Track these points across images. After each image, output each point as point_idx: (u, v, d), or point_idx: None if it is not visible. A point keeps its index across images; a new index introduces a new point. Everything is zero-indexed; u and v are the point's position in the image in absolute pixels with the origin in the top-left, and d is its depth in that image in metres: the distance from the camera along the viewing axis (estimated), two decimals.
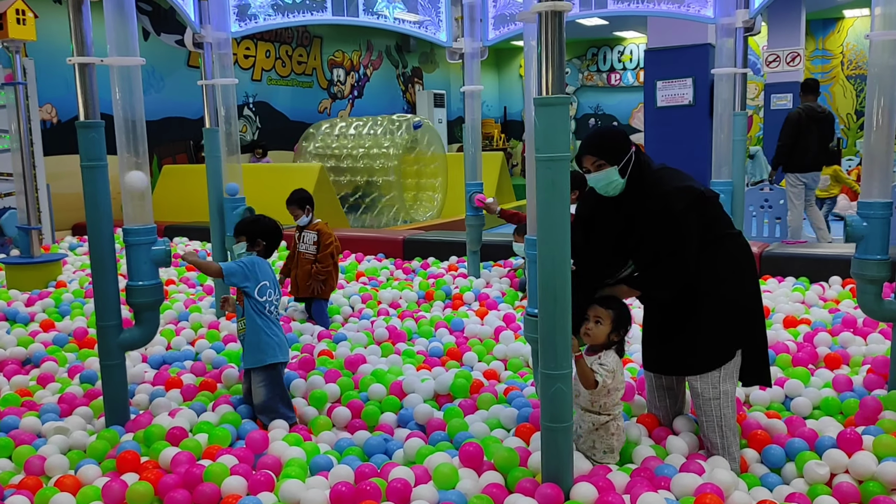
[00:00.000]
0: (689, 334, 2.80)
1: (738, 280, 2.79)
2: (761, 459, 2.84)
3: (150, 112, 10.59)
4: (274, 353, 3.33)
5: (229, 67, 4.83)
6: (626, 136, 2.80)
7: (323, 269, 4.93)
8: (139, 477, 2.66)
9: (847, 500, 2.49)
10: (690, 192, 2.70)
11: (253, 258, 3.41)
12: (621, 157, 2.72)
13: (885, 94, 3.10)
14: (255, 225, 3.56)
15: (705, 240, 2.72)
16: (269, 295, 3.37)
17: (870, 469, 2.56)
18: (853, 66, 15.81)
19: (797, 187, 7.67)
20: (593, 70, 19.17)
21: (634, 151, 2.76)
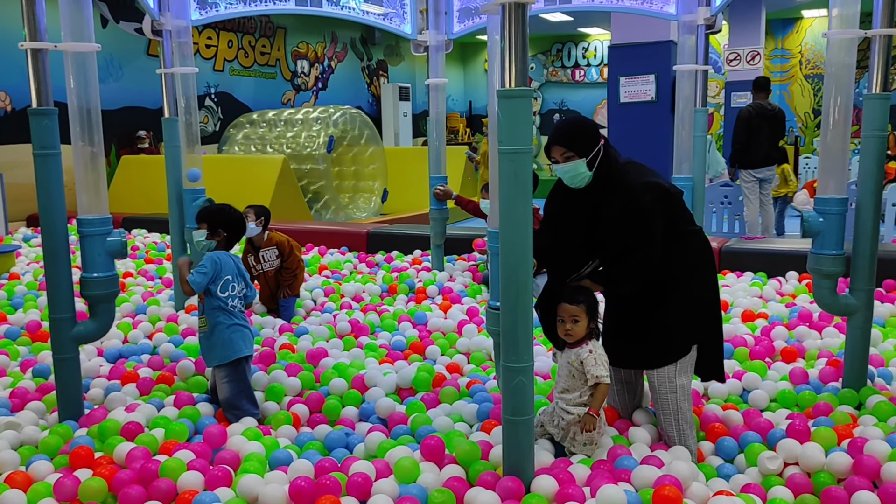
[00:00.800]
0: (647, 329, 2.82)
1: (698, 277, 2.82)
2: (715, 451, 2.88)
3: (108, 101, 10.44)
4: (238, 348, 3.26)
5: (189, 56, 4.73)
6: (597, 128, 2.81)
7: (290, 274, 4.89)
8: (93, 473, 2.60)
9: (800, 490, 2.54)
10: (657, 187, 2.71)
11: (214, 257, 3.28)
12: (590, 149, 2.72)
13: (841, 92, 3.15)
14: (219, 215, 3.44)
15: (669, 236, 2.74)
16: (231, 290, 3.30)
17: (818, 461, 2.61)
18: (811, 65, 16.12)
19: (751, 183, 7.82)
20: (558, 66, 19.26)
21: (603, 144, 2.77)
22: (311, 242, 7.12)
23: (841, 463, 2.57)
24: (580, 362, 2.68)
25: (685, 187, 4.87)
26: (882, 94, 3.16)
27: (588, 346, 2.69)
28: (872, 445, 2.61)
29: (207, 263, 3.24)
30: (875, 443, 2.62)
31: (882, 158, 3.23)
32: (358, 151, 10.59)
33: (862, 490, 2.41)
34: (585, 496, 2.36)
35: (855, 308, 3.25)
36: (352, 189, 10.86)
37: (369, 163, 10.67)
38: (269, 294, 4.95)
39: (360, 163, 10.72)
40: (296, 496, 2.42)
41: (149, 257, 6.76)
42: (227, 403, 3.21)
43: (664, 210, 2.72)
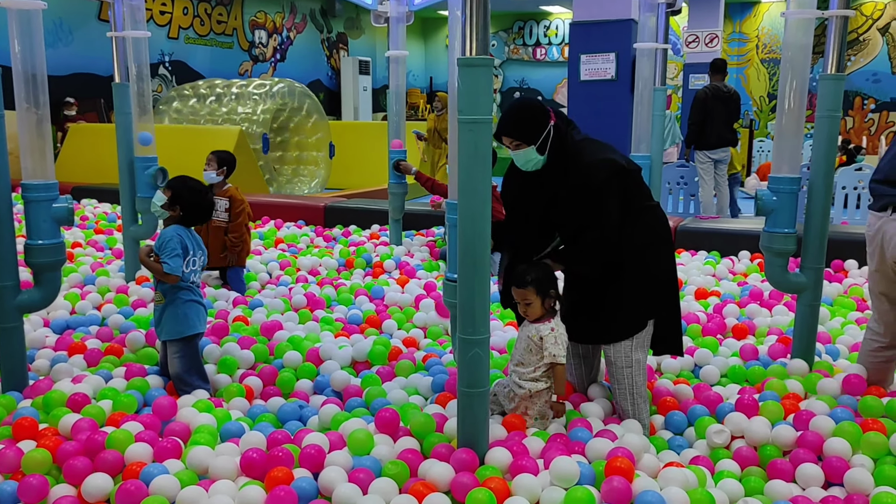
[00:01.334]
0: (604, 304, 2.83)
1: (655, 252, 2.83)
2: (665, 425, 2.92)
3: (58, 66, 10.11)
4: (193, 324, 3.18)
5: (141, 21, 4.58)
6: (543, 112, 2.74)
7: (237, 238, 4.78)
8: (36, 444, 2.53)
9: (747, 463, 2.59)
10: (612, 164, 2.70)
11: (176, 236, 3.14)
12: (537, 136, 2.70)
13: (797, 74, 3.18)
14: (189, 194, 3.26)
15: (626, 212, 2.74)
16: (192, 264, 3.21)
17: (764, 434, 2.66)
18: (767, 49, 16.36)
19: (706, 164, 7.93)
20: (519, 44, 19.23)
21: (553, 126, 2.73)
22: (267, 215, 7.02)
23: (786, 436, 2.63)
24: (540, 338, 2.68)
25: (643, 165, 4.90)
26: (836, 75, 3.21)
27: (551, 324, 2.70)
28: (818, 421, 2.68)
29: (174, 245, 3.10)
30: (820, 418, 2.69)
31: (835, 139, 3.28)
32: (299, 122, 10.28)
33: (806, 462, 2.47)
34: (539, 468, 2.38)
35: (804, 286, 3.31)
36: (295, 161, 10.59)
37: (312, 133, 10.37)
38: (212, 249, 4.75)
39: (302, 132, 10.40)
40: (247, 468, 2.39)
41: (98, 227, 6.59)
42: (178, 378, 3.15)
43: (620, 187, 2.71)
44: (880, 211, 2.88)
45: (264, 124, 9.38)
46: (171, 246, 3.11)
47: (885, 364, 3.08)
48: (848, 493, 2.37)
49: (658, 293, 2.86)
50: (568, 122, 2.82)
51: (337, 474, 2.32)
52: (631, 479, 2.26)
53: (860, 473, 2.38)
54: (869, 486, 2.35)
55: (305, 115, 10.19)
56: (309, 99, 10.17)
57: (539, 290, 2.69)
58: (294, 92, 9.98)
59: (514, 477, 2.29)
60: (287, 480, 2.29)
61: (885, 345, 3.04)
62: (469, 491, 2.21)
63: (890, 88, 15.34)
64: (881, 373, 3.10)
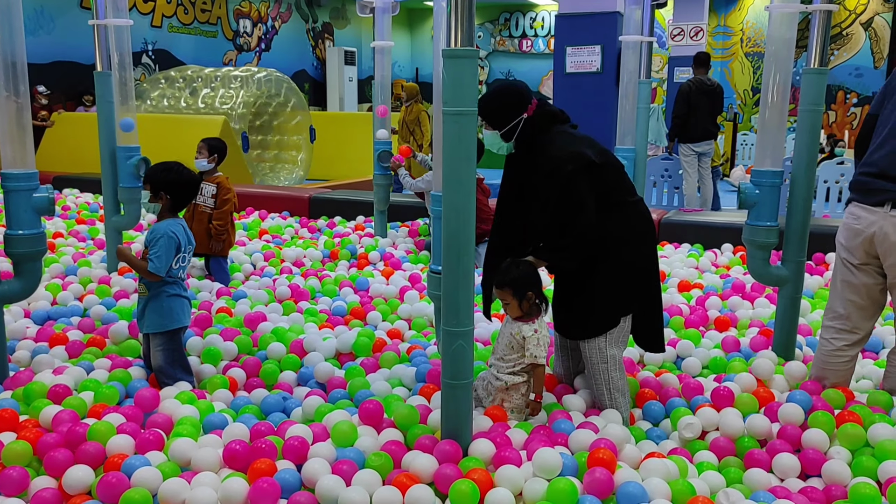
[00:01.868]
0: (579, 300, 2.83)
1: (632, 249, 2.80)
2: (643, 416, 2.94)
3: (39, 54, 9.99)
4: (178, 318, 3.15)
5: (124, 9, 4.53)
6: (518, 103, 2.73)
7: (221, 226, 4.75)
8: (17, 436, 2.51)
9: (724, 453, 2.61)
10: (579, 157, 2.65)
11: (166, 234, 3.07)
12: (504, 124, 2.73)
13: (780, 70, 3.20)
14: (163, 174, 3.19)
15: (601, 207, 2.71)
16: (181, 261, 3.16)
17: (737, 427, 2.68)
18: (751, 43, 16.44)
19: (689, 157, 7.98)
20: (505, 35, 19.20)
21: (526, 119, 2.72)
22: (251, 206, 6.99)
23: (761, 426, 2.66)
24: (523, 337, 2.69)
25: (627, 158, 4.92)
26: (819, 69, 3.23)
27: (534, 325, 2.70)
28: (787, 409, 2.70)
29: (162, 245, 3.04)
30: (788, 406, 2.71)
31: (818, 133, 3.30)
32: (283, 120, 10.14)
33: (783, 453, 2.50)
34: (522, 459, 2.38)
35: (786, 279, 3.34)
36: (273, 159, 10.48)
37: (295, 132, 10.17)
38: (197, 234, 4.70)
39: (284, 132, 10.26)
40: (230, 460, 2.38)
41: (80, 218, 6.53)
42: (160, 371, 3.12)
43: (590, 181, 2.66)
44: (876, 206, 2.71)
45: (243, 116, 9.28)
46: (160, 244, 3.05)
47: (847, 364, 2.91)
48: (826, 483, 2.40)
49: (631, 290, 2.82)
50: (552, 117, 2.78)
51: (320, 466, 2.32)
52: (613, 471, 2.27)
53: (837, 465, 2.41)
54: (846, 477, 2.38)
55: (283, 100, 10.10)
56: (295, 96, 10.08)
57: (515, 292, 2.69)
58: (281, 85, 9.90)
59: (498, 468, 2.30)
60: (270, 472, 2.28)
61: (853, 342, 2.87)
62: (452, 482, 2.22)
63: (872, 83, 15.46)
64: (843, 374, 2.93)
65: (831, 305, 2.93)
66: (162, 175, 3.21)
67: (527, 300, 2.70)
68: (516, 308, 2.70)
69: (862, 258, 2.81)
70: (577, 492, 2.19)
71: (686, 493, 2.24)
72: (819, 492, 2.34)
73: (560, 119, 2.82)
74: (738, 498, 2.21)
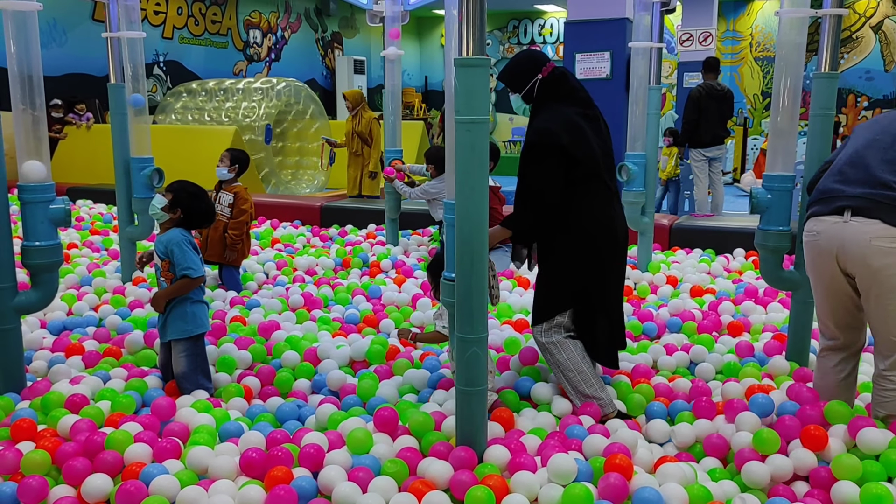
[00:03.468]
0: (537, 284, 2.97)
1: (585, 245, 2.87)
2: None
3: (52, 67, 10.07)
4: (202, 323, 3.20)
5: (136, 21, 4.58)
6: (532, 66, 2.94)
7: (237, 235, 4.78)
8: (35, 445, 2.53)
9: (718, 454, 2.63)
10: (551, 136, 2.75)
11: (183, 242, 3.13)
12: (522, 86, 2.95)
13: (791, 72, 3.20)
14: (189, 199, 3.23)
15: (568, 194, 2.80)
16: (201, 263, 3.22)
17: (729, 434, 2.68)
18: (761, 48, 16.39)
19: (700, 162, 7.96)
20: (514, 43, 19.23)
21: (541, 80, 2.90)
22: (263, 216, 7.02)
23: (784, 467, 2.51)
24: None
25: (638, 164, 4.93)
26: (830, 74, 3.22)
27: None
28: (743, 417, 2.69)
29: (186, 251, 3.10)
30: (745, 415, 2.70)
31: (829, 137, 3.30)
32: (303, 127, 10.26)
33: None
34: (537, 465, 2.39)
35: (799, 283, 3.33)
36: (294, 166, 10.57)
37: (315, 139, 10.28)
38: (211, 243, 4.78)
39: (304, 139, 10.40)
40: (246, 468, 2.40)
41: (94, 228, 6.58)
42: (183, 377, 3.14)
43: (555, 160, 2.76)
44: (833, 215, 2.52)
45: (268, 120, 9.42)
46: (184, 249, 3.10)
47: (846, 381, 2.71)
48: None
49: (571, 286, 2.88)
50: (563, 79, 2.94)
51: (336, 473, 2.33)
52: (630, 477, 2.27)
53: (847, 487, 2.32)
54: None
55: (302, 108, 10.20)
56: (314, 103, 10.18)
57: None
58: (300, 94, 10.00)
59: (513, 474, 2.31)
60: (287, 480, 2.30)
61: (844, 356, 2.70)
62: (468, 489, 2.22)
63: (883, 86, 15.38)
64: (846, 392, 2.73)
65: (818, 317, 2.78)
66: (189, 199, 3.25)
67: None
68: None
69: (829, 278, 2.59)
70: (592, 497, 2.19)
71: (702, 497, 2.23)
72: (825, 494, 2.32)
73: (570, 85, 2.95)
74: (754, 503, 2.21)
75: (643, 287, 4.76)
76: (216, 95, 9.88)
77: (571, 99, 2.91)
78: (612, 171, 2.99)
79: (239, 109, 9.52)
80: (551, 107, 2.89)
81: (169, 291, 3.12)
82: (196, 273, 3.10)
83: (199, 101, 9.86)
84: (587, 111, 2.94)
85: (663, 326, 4.01)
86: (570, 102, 2.90)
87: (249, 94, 9.69)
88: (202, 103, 9.79)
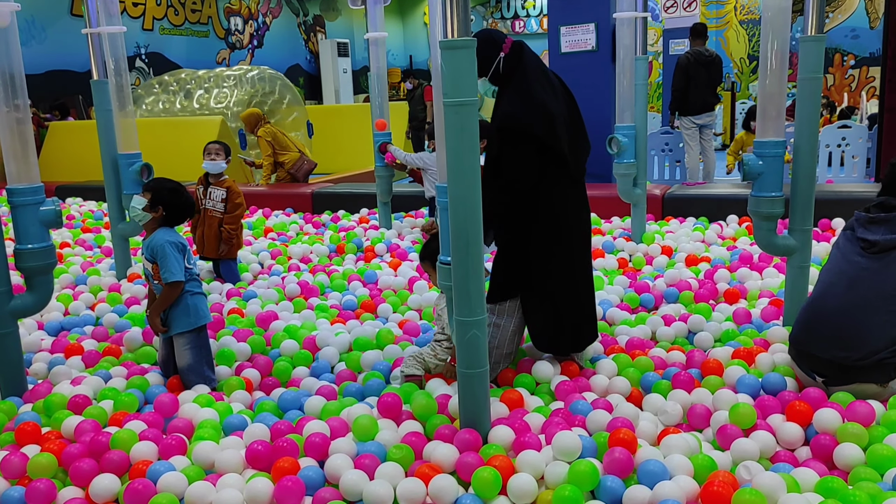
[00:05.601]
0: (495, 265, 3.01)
1: (538, 232, 2.88)
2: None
3: (33, 65, 9.96)
4: (204, 314, 3.21)
5: (116, 15, 4.52)
6: (493, 44, 2.88)
7: (234, 230, 4.77)
8: (41, 448, 2.53)
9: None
10: (526, 122, 2.74)
11: (163, 240, 3.11)
12: (488, 68, 2.90)
13: (777, 37, 3.18)
14: (168, 194, 3.22)
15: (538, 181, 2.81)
16: (190, 258, 3.20)
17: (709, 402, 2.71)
18: (745, 10, 16.31)
19: (690, 130, 7.94)
20: (497, 17, 19.10)
21: (504, 58, 2.87)
22: (254, 205, 6.99)
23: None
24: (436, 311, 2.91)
25: (627, 135, 4.91)
26: (817, 36, 3.21)
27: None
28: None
29: (170, 255, 3.08)
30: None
31: (818, 100, 3.29)
32: (280, 117, 10.13)
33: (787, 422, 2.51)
34: (542, 443, 2.40)
35: (794, 248, 3.34)
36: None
37: (292, 129, 10.15)
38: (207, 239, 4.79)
39: (282, 127, 10.23)
40: (253, 460, 2.40)
41: (86, 226, 6.55)
42: (189, 369, 3.14)
43: (531, 146, 2.76)
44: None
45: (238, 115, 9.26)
46: (168, 254, 3.08)
47: None
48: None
49: (521, 274, 2.91)
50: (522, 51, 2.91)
51: (343, 461, 2.34)
52: (634, 451, 2.29)
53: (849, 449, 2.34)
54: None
55: (278, 97, 10.07)
56: (290, 92, 10.05)
57: (432, 265, 2.85)
58: (275, 82, 9.87)
59: (518, 454, 2.32)
60: (293, 470, 2.31)
61: None
62: (474, 470, 2.24)
63: (869, 43, 15.34)
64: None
65: None
66: (170, 194, 3.23)
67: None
68: (435, 280, 2.84)
69: None
70: (598, 473, 2.20)
71: (707, 467, 2.25)
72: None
73: (531, 54, 2.94)
74: (759, 470, 2.23)
75: (638, 258, 4.77)
76: (187, 84, 9.75)
77: (535, 69, 2.90)
78: (582, 153, 3.00)
79: (210, 98, 9.40)
80: (519, 85, 2.87)
81: (157, 306, 3.13)
82: (175, 278, 3.07)
83: (170, 93, 9.71)
84: (553, 78, 2.95)
85: (660, 297, 4.02)
86: (536, 74, 2.88)
87: (220, 81, 9.58)
88: (173, 98, 9.65)
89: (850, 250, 2.66)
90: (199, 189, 4.81)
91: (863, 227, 2.64)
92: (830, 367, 2.63)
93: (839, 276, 2.66)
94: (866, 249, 2.60)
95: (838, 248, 2.73)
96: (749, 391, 2.73)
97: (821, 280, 2.76)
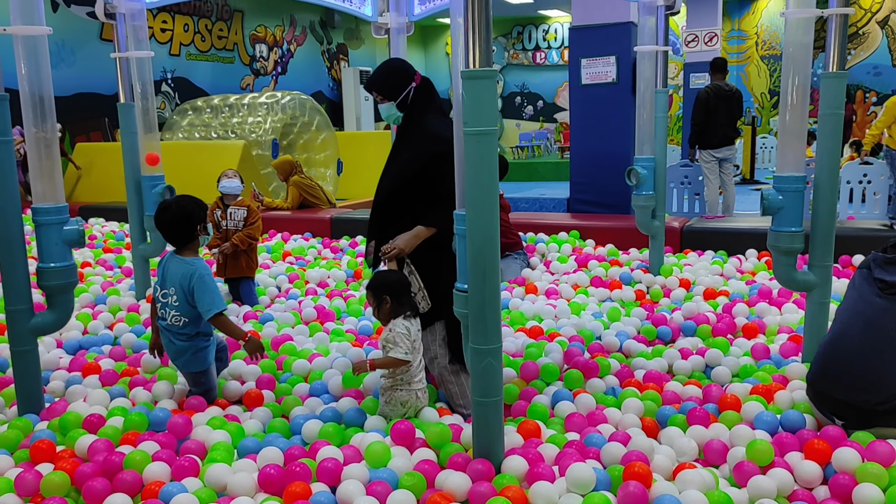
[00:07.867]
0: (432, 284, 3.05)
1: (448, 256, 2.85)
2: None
3: (61, 87, 10.17)
4: (208, 361, 3.24)
5: (144, 40, 4.62)
6: (406, 73, 3.03)
7: (249, 236, 4.85)
8: (54, 467, 2.54)
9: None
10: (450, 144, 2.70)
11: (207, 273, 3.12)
12: (397, 94, 3.02)
13: (799, 72, 3.18)
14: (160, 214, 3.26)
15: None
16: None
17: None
18: (767, 46, 16.36)
19: (710, 163, 7.93)
20: (519, 48, 19.26)
21: (415, 88, 2.98)
22: (273, 229, 7.05)
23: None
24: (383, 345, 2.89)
25: (647, 167, 4.92)
26: (838, 73, 3.21)
27: (389, 326, 2.87)
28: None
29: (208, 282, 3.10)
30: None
31: (839, 136, 3.28)
32: (309, 139, 10.30)
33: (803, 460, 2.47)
34: (555, 475, 2.38)
35: (814, 284, 3.31)
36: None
37: (321, 150, 10.33)
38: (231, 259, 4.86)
39: (311, 150, 10.42)
40: (265, 484, 2.40)
41: (107, 247, 6.62)
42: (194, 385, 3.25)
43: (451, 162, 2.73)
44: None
45: (274, 134, 9.44)
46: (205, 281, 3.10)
47: None
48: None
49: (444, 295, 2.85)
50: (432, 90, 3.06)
51: (355, 487, 2.33)
52: (649, 485, 2.26)
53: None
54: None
55: (315, 130, 10.23)
56: (319, 115, 10.19)
57: (374, 296, 2.88)
58: (305, 106, 10.01)
59: (531, 485, 2.30)
60: (305, 495, 2.30)
61: None
62: (487, 500, 2.21)
63: (891, 81, 15.31)
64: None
65: None
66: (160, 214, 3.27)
67: (384, 304, 2.87)
68: (377, 313, 2.89)
69: None
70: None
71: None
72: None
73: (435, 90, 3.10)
74: None
75: (656, 291, 4.75)
76: (221, 111, 9.92)
77: (438, 104, 3.06)
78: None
79: (245, 125, 9.55)
80: (433, 115, 3.01)
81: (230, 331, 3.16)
82: (218, 308, 3.09)
83: (204, 117, 9.88)
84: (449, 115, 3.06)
85: (677, 330, 3.99)
86: (441, 108, 3.05)
87: (255, 108, 9.73)
88: (208, 120, 9.83)
89: (866, 290, 2.63)
90: (218, 212, 4.89)
91: (880, 267, 2.62)
92: (849, 409, 2.60)
93: (856, 316, 2.63)
94: (884, 290, 2.57)
95: (854, 288, 2.70)
96: (767, 428, 2.70)
97: (837, 320, 2.73)
